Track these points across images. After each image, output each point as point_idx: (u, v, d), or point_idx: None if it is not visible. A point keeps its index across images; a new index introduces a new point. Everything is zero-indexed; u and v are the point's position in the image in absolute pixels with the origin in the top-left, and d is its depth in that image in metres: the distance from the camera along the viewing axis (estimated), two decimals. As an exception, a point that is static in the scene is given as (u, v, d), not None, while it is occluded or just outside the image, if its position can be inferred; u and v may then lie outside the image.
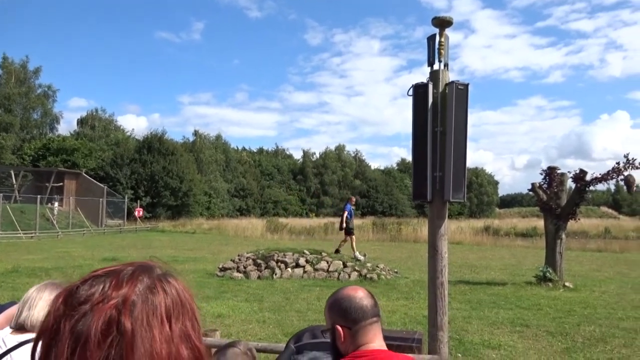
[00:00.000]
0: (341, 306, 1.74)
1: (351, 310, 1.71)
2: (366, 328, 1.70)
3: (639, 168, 11.76)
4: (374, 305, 1.73)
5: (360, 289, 1.78)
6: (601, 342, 7.04)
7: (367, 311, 1.70)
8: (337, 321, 1.74)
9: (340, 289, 1.82)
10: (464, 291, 11.49)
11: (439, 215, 4.17)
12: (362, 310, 1.70)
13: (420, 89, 4.02)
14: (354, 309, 1.71)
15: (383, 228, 33.98)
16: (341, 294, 1.78)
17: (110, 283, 0.71)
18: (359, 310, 1.70)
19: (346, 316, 1.72)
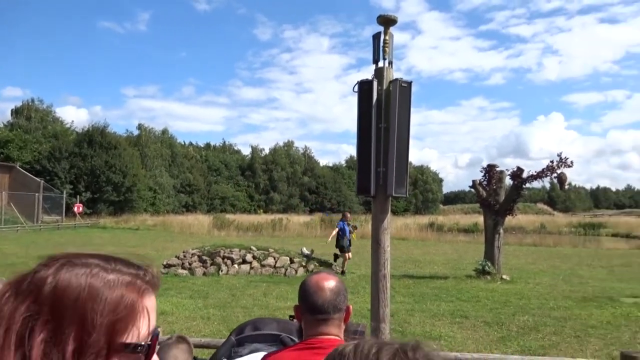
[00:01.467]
0: (305, 291, 1.75)
1: (309, 301, 1.72)
2: (319, 322, 1.71)
3: (571, 166, 12.44)
4: (335, 301, 1.70)
5: (332, 280, 1.76)
6: (534, 330, 7.41)
7: (323, 308, 1.69)
8: (299, 301, 1.77)
9: (316, 274, 1.82)
10: (408, 285, 11.79)
11: (382, 210, 4.25)
12: (317, 305, 1.70)
13: (365, 86, 4.09)
14: (313, 301, 1.71)
15: (331, 224, 34.20)
16: (312, 280, 1.78)
17: None
18: (315, 304, 1.70)
19: (305, 303, 1.74)
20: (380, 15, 4.04)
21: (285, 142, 78.86)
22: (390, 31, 4.11)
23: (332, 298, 1.70)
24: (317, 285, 1.73)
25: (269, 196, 70.60)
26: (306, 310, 1.73)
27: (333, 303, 1.70)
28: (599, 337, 7.09)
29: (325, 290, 1.71)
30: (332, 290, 1.71)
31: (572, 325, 7.77)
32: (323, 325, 1.70)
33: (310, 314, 1.72)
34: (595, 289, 11.35)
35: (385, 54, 4.13)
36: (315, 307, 1.70)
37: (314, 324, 1.71)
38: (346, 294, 1.77)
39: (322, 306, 1.69)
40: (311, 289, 1.73)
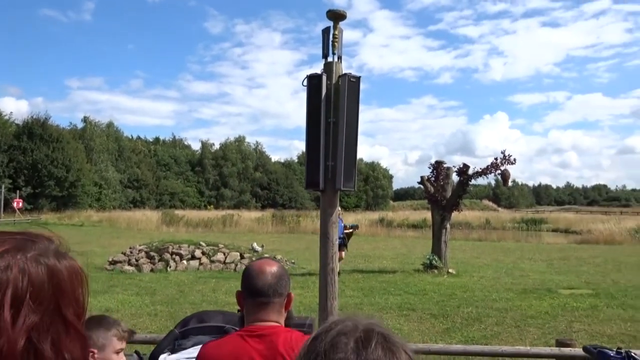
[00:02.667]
0: (247, 275, 1.76)
1: (250, 283, 1.73)
2: (259, 306, 1.71)
3: (514, 164, 12.93)
4: (275, 285, 1.72)
5: (274, 266, 1.77)
6: (477, 321, 7.68)
7: (263, 290, 1.71)
8: (241, 286, 1.77)
9: (259, 260, 1.84)
10: (358, 279, 11.94)
11: (330, 204, 4.28)
12: (258, 287, 1.71)
13: (314, 80, 4.10)
14: (253, 284, 1.72)
15: (282, 220, 34.21)
16: (254, 264, 1.81)
17: None
18: (256, 286, 1.71)
19: (246, 287, 1.75)
20: (329, 10, 4.05)
21: (236, 138, 78.12)
22: (339, 26, 4.13)
23: (273, 282, 1.72)
24: (259, 269, 1.75)
25: (220, 192, 69.71)
26: (247, 294, 1.74)
27: (274, 287, 1.72)
28: (537, 326, 7.42)
29: (266, 273, 1.73)
30: (274, 274, 1.74)
31: (513, 315, 8.10)
32: (263, 309, 1.71)
33: (251, 297, 1.73)
34: (535, 281, 11.86)
35: (335, 48, 4.15)
36: (256, 290, 1.72)
37: (254, 308, 1.72)
38: (288, 281, 1.79)
39: (263, 289, 1.71)
40: (253, 272, 1.75)
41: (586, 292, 10.34)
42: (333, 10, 4.04)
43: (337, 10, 4.05)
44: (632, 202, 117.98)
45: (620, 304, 9.06)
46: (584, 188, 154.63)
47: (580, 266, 14.79)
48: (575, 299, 9.51)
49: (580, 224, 36.87)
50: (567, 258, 17.04)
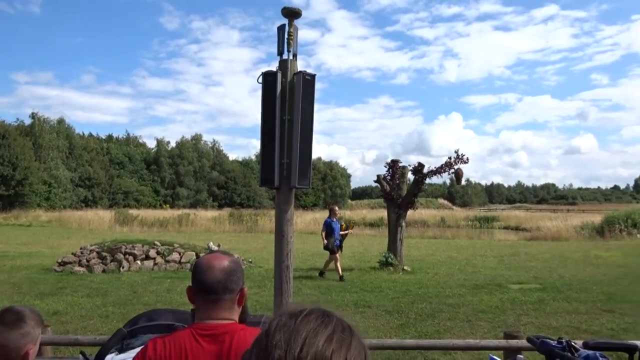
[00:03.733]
0: (196, 270, 1.71)
1: (199, 279, 1.68)
2: (208, 303, 1.67)
3: (467, 162, 13.27)
4: (225, 281, 1.66)
5: (224, 260, 1.71)
6: (430, 317, 7.84)
7: (212, 287, 1.65)
8: (191, 282, 1.72)
9: (209, 254, 1.77)
10: (315, 277, 12.00)
11: (285, 201, 4.29)
12: (207, 284, 1.66)
13: (269, 77, 4.09)
14: (202, 280, 1.67)
15: (240, 219, 33.91)
16: (204, 259, 1.74)
17: None
18: (205, 283, 1.66)
19: (195, 283, 1.70)
20: (284, 7, 4.05)
21: (193, 136, 76.73)
22: (294, 24, 4.14)
23: (223, 277, 1.66)
24: (208, 264, 1.69)
25: (176, 191, 68.42)
26: (196, 290, 1.69)
27: (223, 283, 1.66)
28: (487, 320, 7.65)
29: (215, 269, 1.67)
30: (223, 270, 1.68)
31: (465, 310, 8.32)
32: (213, 307, 1.66)
33: (200, 294, 1.68)
34: (487, 277, 12.21)
35: (290, 46, 4.16)
36: (205, 287, 1.66)
37: (204, 305, 1.68)
38: (241, 275, 1.73)
39: (212, 285, 1.65)
40: (202, 268, 1.69)
41: (534, 287, 10.73)
42: (288, 8, 4.05)
43: (292, 8, 4.05)
44: (578, 200, 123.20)
45: (565, 298, 9.45)
46: (534, 187, 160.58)
47: (529, 262, 15.33)
48: (523, 294, 9.86)
49: (530, 222, 38.21)
50: (517, 254, 17.62)
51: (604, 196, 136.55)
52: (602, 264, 14.75)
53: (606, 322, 7.51)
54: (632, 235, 25.07)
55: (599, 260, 15.64)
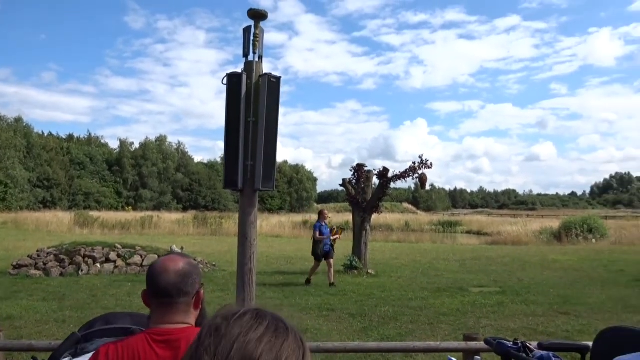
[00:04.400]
0: (150, 273, 1.67)
1: (153, 283, 1.64)
2: (163, 307, 1.63)
3: (431, 167, 13.48)
4: (180, 284, 1.63)
5: (180, 262, 1.67)
6: (393, 320, 7.92)
7: (166, 290, 1.62)
8: (146, 285, 1.68)
9: (164, 257, 1.73)
10: (280, 281, 11.95)
11: (249, 204, 4.26)
12: (160, 287, 1.63)
13: (234, 79, 4.06)
14: (156, 283, 1.63)
15: (205, 222, 33.50)
16: (159, 261, 1.70)
17: None
18: (158, 286, 1.63)
19: (149, 286, 1.66)
20: (250, 9, 4.04)
21: (157, 137, 75.50)
22: (260, 26, 4.13)
23: (177, 280, 1.63)
24: (163, 267, 1.66)
25: (139, 193, 67.13)
26: (151, 294, 1.66)
27: (178, 286, 1.63)
28: (449, 323, 7.77)
29: (170, 272, 1.64)
30: (178, 273, 1.64)
31: (427, 313, 8.43)
32: (168, 310, 1.64)
33: (154, 297, 1.65)
34: (449, 280, 12.42)
35: (256, 48, 4.14)
36: (159, 290, 1.63)
37: (158, 309, 1.65)
38: (197, 278, 1.70)
39: (165, 289, 1.62)
40: (156, 271, 1.66)
41: (494, 290, 10.97)
42: (254, 9, 4.03)
43: (259, 10, 4.04)
44: (537, 206, 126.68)
45: (523, 300, 9.70)
46: (495, 192, 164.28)
47: (489, 266, 15.67)
48: (484, 297, 10.06)
49: (492, 226, 39.07)
50: (479, 258, 17.98)
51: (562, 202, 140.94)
52: (559, 267, 15.21)
53: (562, 324, 7.73)
54: (587, 240, 25.95)
55: (556, 264, 16.12)
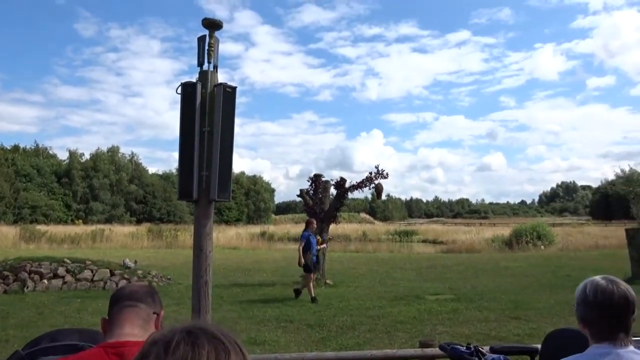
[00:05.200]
0: (115, 297, 1.71)
1: (119, 293, 1.70)
2: (124, 312, 1.65)
3: (386, 178, 13.69)
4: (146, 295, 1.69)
5: (144, 285, 1.77)
6: (351, 329, 7.94)
7: (132, 295, 1.67)
8: (108, 310, 1.70)
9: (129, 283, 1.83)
10: (237, 294, 11.79)
11: (204, 215, 4.20)
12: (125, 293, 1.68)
13: (189, 88, 4.02)
14: (122, 291, 1.70)
15: (159, 235, 32.77)
16: (123, 286, 1.80)
17: None
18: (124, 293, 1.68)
19: (112, 298, 1.70)
20: (205, 18, 4.01)
21: (109, 148, 73.34)
22: (215, 35, 4.11)
23: (144, 291, 1.73)
24: (129, 284, 1.77)
25: (89, 205, 64.89)
26: (113, 303, 1.70)
27: (143, 294, 1.71)
28: (405, 331, 7.86)
29: (135, 286, 1.75)
30: (144, 287, 1.75)
31: (384, 322, 8.50)
32: (128, 317, 1.66)
33: (116, 303, 1.69)
34: (406, 288, 12.58)
35: (211, 57, 4.12)
36: (124, 295, 1.69)
37: (119, 315, 1.67)
38: (159, 301, 1.75)
39: (131, 293, 1.70)
40: (122, 287, 1.75)
41: (449, 297, 11.19)
42: (209, 19, 4.01)
43: (213, 19, 4.02)
44: (489, 215, 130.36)
45: (477, 307, 9.92)
46: (450, 202, 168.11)
47: (445, 273, 15.98)
48: (439, 304, 10.24)
49: (446, 235, 39.96)
50: (434, 266, 18.32)
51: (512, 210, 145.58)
52: (510, 274, 15.68)
53: (513, 329, 7.95)
54: (536, 246, 26.91)
55: (508, 270, 16.61)
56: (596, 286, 1.74)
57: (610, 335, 1.70)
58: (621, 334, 1.69)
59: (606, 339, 1.70)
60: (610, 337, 1.70)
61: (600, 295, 1.71)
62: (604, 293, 1.71)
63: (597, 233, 33.73)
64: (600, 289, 1.72)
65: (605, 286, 1.72)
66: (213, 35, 4.11)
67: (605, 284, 1.73)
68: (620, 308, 1.69)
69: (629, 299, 1.70)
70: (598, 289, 1.73)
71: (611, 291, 1.70)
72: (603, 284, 1.73)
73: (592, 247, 26.74)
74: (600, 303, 1.71)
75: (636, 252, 13.54)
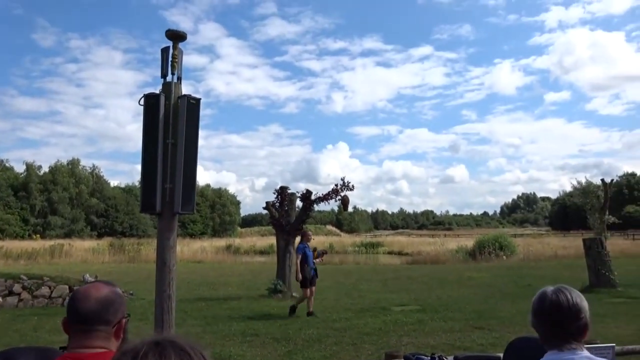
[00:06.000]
0: (71, 299, 1.63)
1: (73, 309, 1.59)
2: (81, 334, 1.57)
3: (352, 190, 13.77)
4: (101, 312, 1.58)
5: (104, 289, 1.63)
6: (317, 342, 7.90)
7: (86, 317, 1.57)
8: (66, 312, 1.62)
9: (90, 283, 1.69)
10: (201, 308, 11.58)
11: (168, 228, 4.14)
12: (80, 314, 1.58)
13: (152, 99, 3.97)
14: (75, 309, 1.59)
15: (121, 249, 31.97)
16: (82, 287, 1.66)
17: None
18: (77, 312, 1.58)
19: (68, 313, 1.61)
20: (168, 30, 3.99)
21: (69, 160, 71.34)
22: (179, 47, 4.08)
23: (98, 308, 1.59)
24: (84, 294, 1.62)
25: (47, 220, 62.79)
26: (70, 320, 1.61)
27: (98, 313, 1.58)
28: (372, 342, 7.87)
29: (91, 299, 1.60)
30: (99, 300, 1.60)
31: (351, 334, 8.49)
32: (86, 336, 1.58)
33: (73, 323, 1.60)
34: (372, 300, 12.63)
35: (174, 69, 4.09)
36: (77, 317, 1.58)
37: (77, 335, 1.59)
38: (120, 307, 1.66)
39: (84, 315, 1.57)
40: (78, 297, 1.62)
41: (415, 308, 11.28)
42: (172, 30, 3.99)
43: (177, 31, 4.00)
44: (453, 226, 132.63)
45: (442, 317, 10.04)
46: (415, 213, 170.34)
47: (410, 284, 16.12)
48: (405, 315, 10.31)
49: (412, 246, 40.37)
50: (400, 277, 18.46)
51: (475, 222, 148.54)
52: (474, 284, 15.94)
53: (477, 338, 8.07)
54: (499, 257, 27.50)
55: (472, 281, 16.89)
56: (543, 296, 1.82)
57: (557, 342, 1.75)
58: (568, 340, 1.75)
59: (554, 346, 1.75)
60: (557, 343, 1.75)
61: (544, 304, 1.79)
62: (547, 302, 1.78)
63: (556, 243, 34.70)
64: (546, 298, 1.80)
65: (550, 295, 1.79)
66: (177, 46, 4.09)
67: (551, 293, 1.80)
68: (562, 315, 1.75)
69: (570, 305, 1.75)
70: (543, 298, 1.80)
71: (555, 300, 1.77)
72: (548, 293, 1.80)
73: (552, 257, 27.49)
74: (544, 311, 1.78)
75: (593, 261, 14.00)
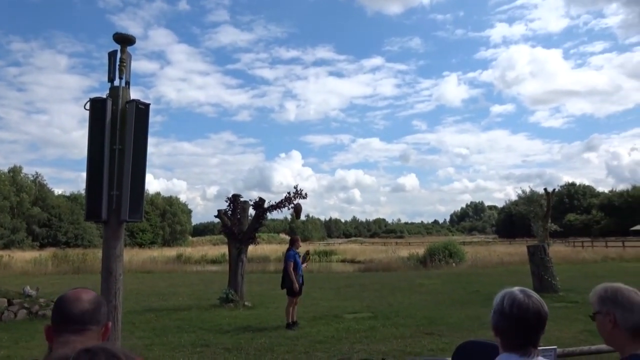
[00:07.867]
0: (60, 302, 1.62)
1: (66, 311, 1.59)
2: (69, 335, 1.55)
3: (305, 198, 13.77)
4: (92, 312, 1.59)
5: (91, 293, 1.66)
6: (270, 351, 7.83)
7: (80, 317, 1.57)
8: (52, 317, 1.61)
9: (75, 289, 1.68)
10: (150, 319, 11.27)
11: (114, 236, 4.01)
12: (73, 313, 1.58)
13: (98, 104, 3.86)
14: (68, 310, 1.59)
15: (66, 259, 30.71)
16: (70, 292, 1.66)
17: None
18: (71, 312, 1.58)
19: (59, 315, 1.60)
20: (116, 33, 3.89)
21: (10, 168, 68.12)
22: (127, 51, 3.99)
23: (90, 308, 1.61)
24: (75, 296, 1.63)
25: (-14, 230, 59.67)
26: (60, 322, 1.58)
27: (91, 313, 1.60)
28: (324, 350, 7.87)
29: (83, 300, 1.62)
30: (91, 301, 1.63)
31: (303, 342, 8.46)
32: (78, 337, 1.55)
33: (64, 324, 1.58)
34: (324, 308, 12.64)
35: (122, 73, 3.99)
36: (71, 317, 1.58)
37: (68, 336, 1.56)
38: (106, 311, 1.69)
39: (79, 314, 1.58)
40: (69, 299, 1.62)
41: (367, 315, 11.37)
42: (120, 34, 3.90)
43: (125, 34, 3.91)
44: (405, 234, 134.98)
45: (393, 324, 10.16)
46: (367, 221, 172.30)
47: (362, 292, 16.25)
48: (357, 322, 10.38)
49: (364, 254, 40.74)
50: (352, 285, 18.57)
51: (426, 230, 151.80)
52: (424, 291, 16.23)
53: (427, 344, 8.21)
54: (449, 264, 28.16)
55: (422, 287, 17.19)
56: (513, 299, 1.80)
57: (521, 347, 1.77)
58: (530, 346, 1.79)
59: (517, 350, 1.78)
60: (521, 348, 1.78)
61: (516, 309, 1.78)
62: (519, 306, 1.78)
63: (503, 250, 35.84)
64: (517, 302, 1.79)
65: (522, 300, 1.79)
66: (125, 50, 3.99)
67: (522, 297, 1.80)
68: (533, 322, 1.77)
69: (542, 313, 1.79)
70: (514, 302, 1.79)
71: (527, 305, 1.78)
72: (520, 298, 1.80)
73: (499, 263, 28.37)
74: (515, 315, 1.77)
75: (536, 267, 14.56)
